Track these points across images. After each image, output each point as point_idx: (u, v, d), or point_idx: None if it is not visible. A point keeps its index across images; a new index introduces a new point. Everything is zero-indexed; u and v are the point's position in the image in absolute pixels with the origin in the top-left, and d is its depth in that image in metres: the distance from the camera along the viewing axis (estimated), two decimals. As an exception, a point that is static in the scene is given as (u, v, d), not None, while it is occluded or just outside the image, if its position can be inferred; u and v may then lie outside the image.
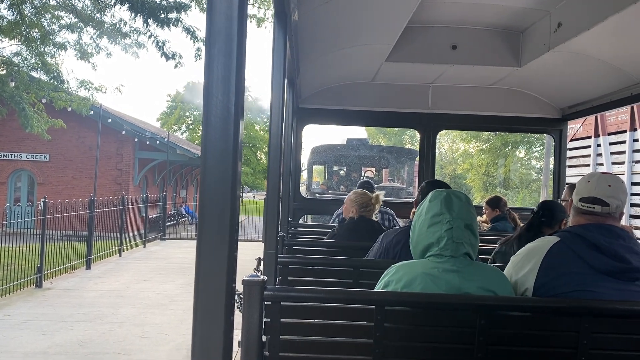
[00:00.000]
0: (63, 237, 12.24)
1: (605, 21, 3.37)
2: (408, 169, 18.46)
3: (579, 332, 1.93)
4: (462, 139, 36.51)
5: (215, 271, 1.20)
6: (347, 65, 5.38)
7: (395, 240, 3.17)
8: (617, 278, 2.05)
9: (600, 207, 2.17)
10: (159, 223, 20.35)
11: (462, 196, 2.23)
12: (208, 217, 1.20)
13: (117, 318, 8.10)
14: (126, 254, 15.15)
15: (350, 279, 3.15)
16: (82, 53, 16.38)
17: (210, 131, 1.19)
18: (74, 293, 9.88)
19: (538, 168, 32.64)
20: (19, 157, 23.57)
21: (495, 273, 2.15)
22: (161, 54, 14.23)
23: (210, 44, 1.18)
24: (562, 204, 4.27)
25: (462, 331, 1.95)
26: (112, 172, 23.89)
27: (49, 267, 10.97)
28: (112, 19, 15.33)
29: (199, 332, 1.21)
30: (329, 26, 4.17)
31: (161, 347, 6.86)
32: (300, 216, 6.69)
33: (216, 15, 1.18)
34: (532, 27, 4.61)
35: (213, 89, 1.19)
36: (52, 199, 12.56)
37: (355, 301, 2.04)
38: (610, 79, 4.66)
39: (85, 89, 17.85)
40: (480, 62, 4.98)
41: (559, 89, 5.56)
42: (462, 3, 4.32)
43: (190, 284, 10.79)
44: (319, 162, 18.77)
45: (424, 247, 2.18)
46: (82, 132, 23.17)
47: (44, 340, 6.96)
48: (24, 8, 15.38)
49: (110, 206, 15.45)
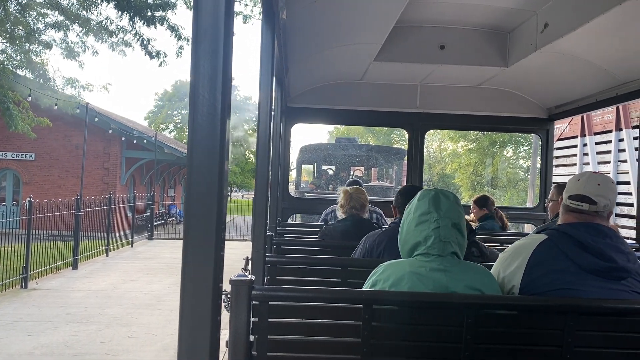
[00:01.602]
0: (49, 237, 12.13)
1: (591, 22, 3.41)
2: (397, 168, 18.51)
3: (563, 330, 1.95)
4: (450, 139, 36.69)
5: (202, 271, 1.20)
6: (336, 65, 5.38)
7: (378, 240, 3.20)
8: (603, 277, 2.06)
9: (588, 205, 2.19)
10: (147, 223, 20.22)
11: (451, 195, 2.24)
12: (194, 216, 1.19)
13: (104, 318, 8.04)
14: (113, 254, 15.04)
15: (339, 278, 3.15)
16: (69, 51, 16.24)
17: (197, 130, 1.19)
18: (60, 293, 9.78)
19: (525, 167, 32.92)
20: (4, 156, 23.29)
21: (482, 272, 2.16)
22: (145, 52, 14.18)
23: (197, 43, 1.17)
24: (550, 204, 4.31)
25: (449, 330, 1.96)
26: (99, 171, 23.68)
27: (35, 267, 10.85)
28: (99, 16, 15.19)
29: (185, 333, 1.21)
30: (317, 25, 4.17)
31: (148, 347, 6.82)
32: (289, 216, 6.69)
33: (202, 14, 1.17)
34: (520, 28, 4.64)
35: (199, 88, 1.18)
36: (38, 198, 12.45)
37: (342, 300, 2.04)
38: (596, 80, 4.71)
39: (72, 87, 17.76)
40: (468, 62, 5.01)
41: (545, 89, 5.61)
42: (450, 3, 4.34)
43: (178, 284, 10.62)
44: (307, 161, 18.76)
45: (411, 245, 2.18)
46: (68, 131, 22.93)
47: (30, 341, 6.89)
48: (9, 5, 15.21)
49: (97, 206, 15.33)
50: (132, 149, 24.25)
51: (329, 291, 2.34)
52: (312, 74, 5.66)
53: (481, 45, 4.92)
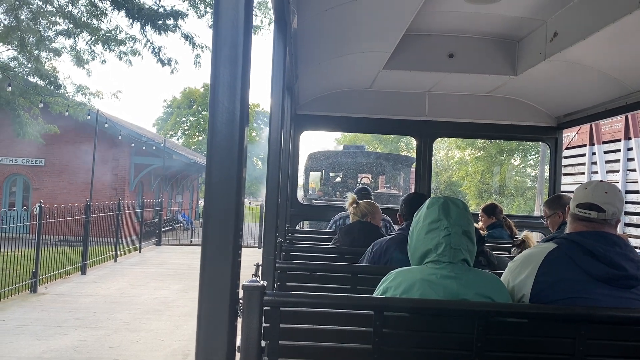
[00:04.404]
0: (58, 242, 12.20)
1: (601, 31, 3.41)
2: (404, 176, 18.50)
3: (575, 338, 1.95)
4: (457, 147, 36.64)
5: (220, 277, 1.21)
6: (345, 73, 5.41)
7: (385, 247, 3.23)
8: (612, 285, 2.07)
9: (597, 213, 2.19)
10: (155, 228, 20.30)
11: (460, 203, 2.25)
12: (213, 222, 1.22)
13: (112, 323, 8.07)
14: (122, 259, 15.10)
15: (349, 285, 3.16)
16: (78, 59, 16.39)
17: (216, 137, 1.21)
18: (69, 298, 9.83)
19: (533, 176, 32.78)
20: (14, 161, 23.49)
21: (492, 280, 2.16)
22: (157, 60, 14.31)
23: (217, 52, 1.20)
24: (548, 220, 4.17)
25: (459, 337, 1.97)
26: (108, 177, 23.82)
27: (44, 272, 10.93)
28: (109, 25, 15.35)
29: (203, 337, 1.22)
30: (327, 34, 4.20)
31: (156, 352, 6.83)
32: (297, 222, 6.70)
33: (222, 23, 1.20)
34: (529, 37, 4.65)
35: (219, 95, 1.20)
36: (48, 203, 12.51)
37: (354, 307, 2.05)
38: (606, 88, 4.70)
39: (82, 94, 17.87)
40: (477, 71, 5.02)
41: (554, 97, 5.61)
42: (459, 12, 4.36)
43: (185, 290, 10.77)
44: (315, 169, 18.78)
45: (422, 253, 2.19)
46: (78, 137, 23.10)
47: (39, 345, 6.93)
48: (21, 13, 15.39)
49: (106, 211, 15.41)
50: (141, 155, 24.39)
51: (340, 297, 2.35)
52: (321, 82, 5.69)
53: (490, 53, 4.93)
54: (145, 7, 13.33)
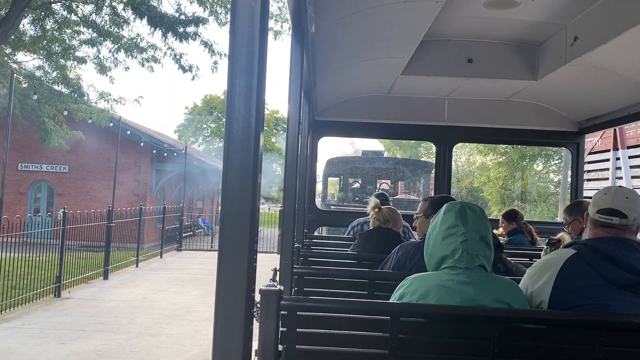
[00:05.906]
0: (81, 248, 12.42)
1: (622, 35, 3.37)
2: (424, 182, 18.40)
3: (594, 345, 1.92)
4: (479, 152, 36.28)
5: (236, 281, 1.24)
6: (363, 79, 5.42)
7: (413, 252, 3.18)
8: (632, 291, 2.04)
9: (619, 219, 2.16)
10: (176, 234, 20.50)
11: (477, 208, 2.24)
12: (229, 227, 1.24)
13: (133, 328, 8.17)
14: (143, 265, 15.29)
15: (366, 291, 3.16)
16: (101, 67, 16.70)
17: (232, 144, 1.24)
18: (91, 303, 9.99)
19: (556, 181, 32.29)
20: (39, 168, 23.94)
21: (509, 285, 2.15)
22: (178, 67, 14.50)
23: (233, 61, 1.23)
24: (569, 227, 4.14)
25: (476, 343, 1.96)
26: (130, 183, 24.13)
27: (68, 277, 11.12)
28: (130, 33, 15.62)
29: (219, 341, 1.25)
30: (345, 40, 4.22)
31: (177, 357, 6.90)
32: (315, 228, 6.72)
33: (238, 33, 1.23)
34: (548, 41, 4.61)
35: (235, 103, 1.23)
36: (71, 209, 12.75)
37: (370, 312, 2.06)
38: (628, 92, 4.64)
39: (105, 101, 18.18)
40: (496, 76, 4.99)
41: (575, 102, 5.54)
42: (477, 17, 4.35)
43: (206, 295, 10.85)
44: (334, 174, 18.79)
45: (438, 259, 2.19)
46: (101, 144, 23.45)
47: (63, 348, 7.05)
48: (46, 23, 15.75)
49: (128, 217, 15.62)
50: (162, 161, 24.67)
51: (357, 302, 2.36)
52: (339, 88, 5.71)
53: (509, 58, 4.90)
54: (167, 15, 13.55)
